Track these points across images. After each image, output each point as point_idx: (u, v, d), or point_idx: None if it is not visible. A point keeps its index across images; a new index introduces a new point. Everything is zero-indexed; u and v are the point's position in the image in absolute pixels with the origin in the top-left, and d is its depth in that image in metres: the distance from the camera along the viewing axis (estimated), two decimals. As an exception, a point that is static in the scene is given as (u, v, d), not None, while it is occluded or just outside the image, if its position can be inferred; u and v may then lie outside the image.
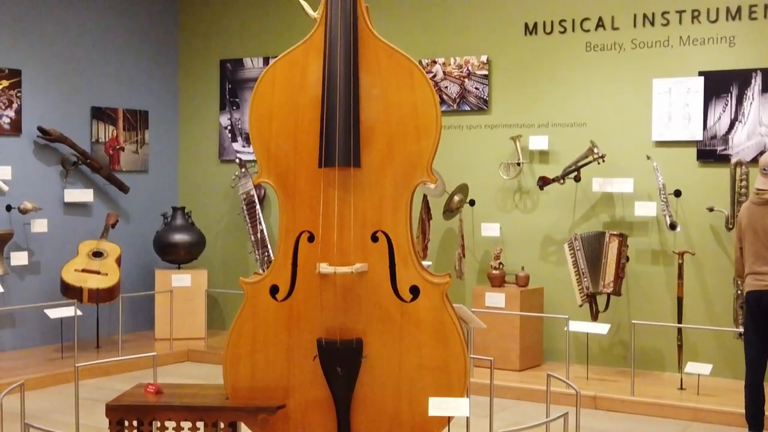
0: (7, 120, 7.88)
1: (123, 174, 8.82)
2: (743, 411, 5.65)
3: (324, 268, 4.07)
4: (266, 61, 8.85)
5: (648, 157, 7.15)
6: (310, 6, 4.40)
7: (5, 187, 7.70)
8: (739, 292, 6.63)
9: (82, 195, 8.42)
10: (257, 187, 8.50)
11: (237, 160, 8.71)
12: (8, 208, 7.79)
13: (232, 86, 9.13)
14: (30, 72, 8.06)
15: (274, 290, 4.20)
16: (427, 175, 4.12)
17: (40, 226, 7.99)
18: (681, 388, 6.66)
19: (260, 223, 8.33)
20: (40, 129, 8.05)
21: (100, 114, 8.67)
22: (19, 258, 7.89)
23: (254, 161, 4.20)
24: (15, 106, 7.92)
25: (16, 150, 7.96)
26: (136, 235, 8.95)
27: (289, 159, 4.18)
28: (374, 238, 4.12)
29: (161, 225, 8.77)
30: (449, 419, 4.11)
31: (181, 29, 9.44)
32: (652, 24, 7.31)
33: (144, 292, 8.64)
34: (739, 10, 7.00)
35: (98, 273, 7.80)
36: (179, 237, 8.62)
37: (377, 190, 4.12)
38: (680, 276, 6.94)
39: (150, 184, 9.16)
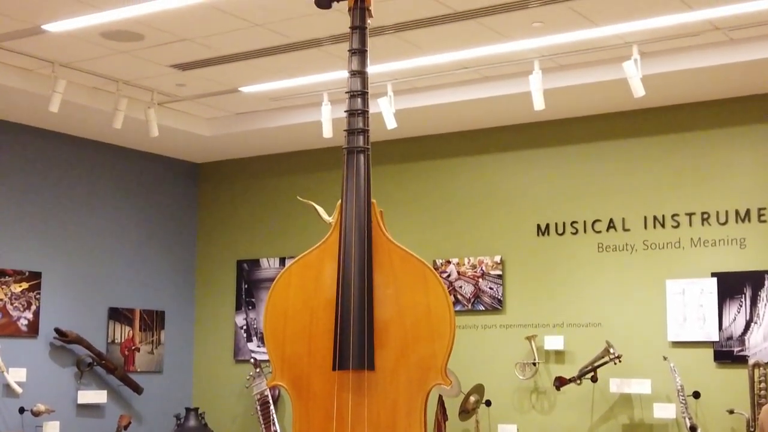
0: (25, 322, 7.93)
1: (137, 375, 8.79)
2: None
3: (337, 473, 4.00)
4: (282, 261, 8.97)
5: (665, 358, 7.10)
6: (325, 210, 4.51)
7: (19, 390, 7.68)
8: (764, 497, 6.45)
9: (96, 396, 8.37)
10: (271, 387, 8.43)
11: (252, 360, 8.68)
12: (21, 410, 7.74)
13: (249, 286, 9.22)
14: (50, 274, 8.18)
15: (286, 497, 4.12)
16: (442, 378, 4.07)
17: (52, 428, 7.91)
18: None
19: (274, 424, 8.22)
20: (57, 331, 8.09)
21: (117, 315, 8.73)
22: (28, 462, 7.79)
23: (269, 361, 4.21)
24: (33, 308, 8.00)
25: (32, 352, 7.98)
26: (149, 437, 8.85)
27: (303, 362, 4.16)
28: (388, 442, 4.07)
29: (174, 427, 8.66)
30: None
31: (199, 230, 9.62)
32: (663, 226, 7.41)
33: (154, 496, 8.48)
34: (748, 213, 7.11)
35: (108, 477, 7.67)
36: (192, 439, 8.51)
37: (391, 392, 4.08)
38: (703, 480, 6.77)
39: (164, 384, 9.11)
